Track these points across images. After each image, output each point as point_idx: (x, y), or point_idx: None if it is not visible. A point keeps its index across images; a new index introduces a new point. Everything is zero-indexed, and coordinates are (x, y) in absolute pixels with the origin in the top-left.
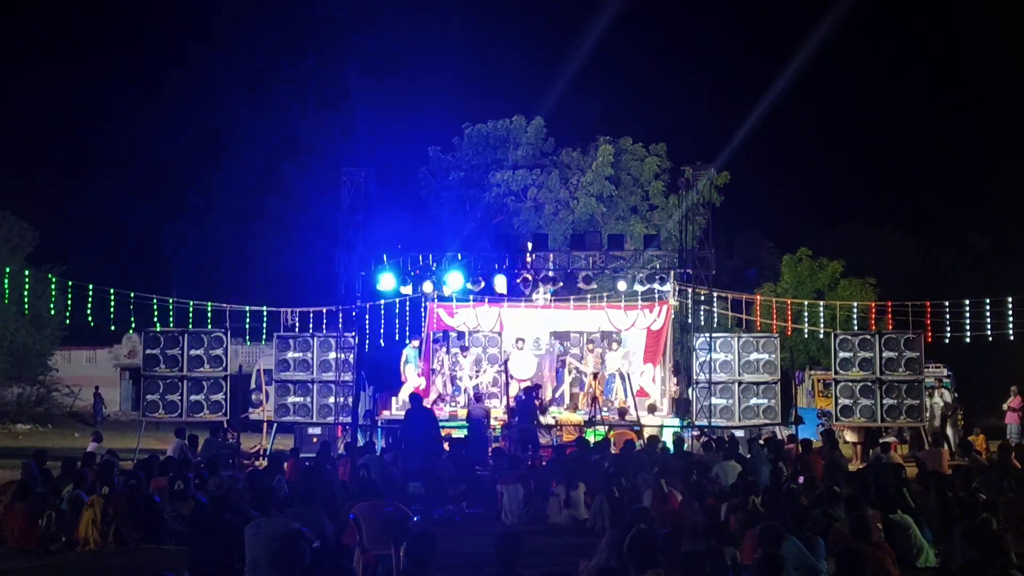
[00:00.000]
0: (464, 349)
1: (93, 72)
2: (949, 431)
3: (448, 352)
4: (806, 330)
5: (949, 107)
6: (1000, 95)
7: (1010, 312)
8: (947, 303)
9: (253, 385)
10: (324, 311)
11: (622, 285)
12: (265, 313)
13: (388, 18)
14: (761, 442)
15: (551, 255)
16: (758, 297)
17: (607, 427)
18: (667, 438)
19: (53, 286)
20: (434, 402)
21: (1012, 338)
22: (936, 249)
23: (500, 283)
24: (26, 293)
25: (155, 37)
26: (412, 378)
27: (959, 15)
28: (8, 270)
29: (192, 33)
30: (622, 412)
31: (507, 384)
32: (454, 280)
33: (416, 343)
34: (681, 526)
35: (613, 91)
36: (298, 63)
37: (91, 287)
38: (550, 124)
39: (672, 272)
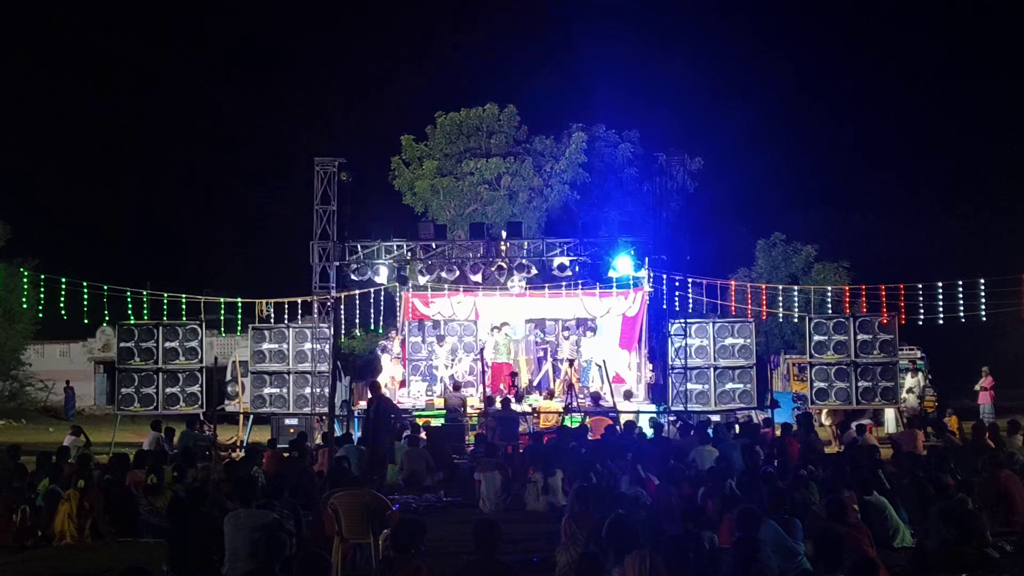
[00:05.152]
0: (440, 338)
1: (61, 63)
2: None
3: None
4: (781, 314)
5: (917, 92)
6: (965, 81)
7: (982, 294)
8: (920, 286)
9: (229, 377)
10: (299, 301)
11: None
12: (240, 304)
13: (361, 6)
14: (737, 428)
15: (525, 243)
16: (732, 282)
17: (583, 414)
18: (643, 424)
19: (25, 280)
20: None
21: (984, 319)
22: (908, 232)
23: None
24: None
25: (120, 23)
26: (387, 367)
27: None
28: None
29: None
30: (595, 397)
31: (483, 372)
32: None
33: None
34: (658, 510)
35: (585, 78)
36: (269, 50)
37: (64, 281)
38: (523, 112)
39: (646, 258)
